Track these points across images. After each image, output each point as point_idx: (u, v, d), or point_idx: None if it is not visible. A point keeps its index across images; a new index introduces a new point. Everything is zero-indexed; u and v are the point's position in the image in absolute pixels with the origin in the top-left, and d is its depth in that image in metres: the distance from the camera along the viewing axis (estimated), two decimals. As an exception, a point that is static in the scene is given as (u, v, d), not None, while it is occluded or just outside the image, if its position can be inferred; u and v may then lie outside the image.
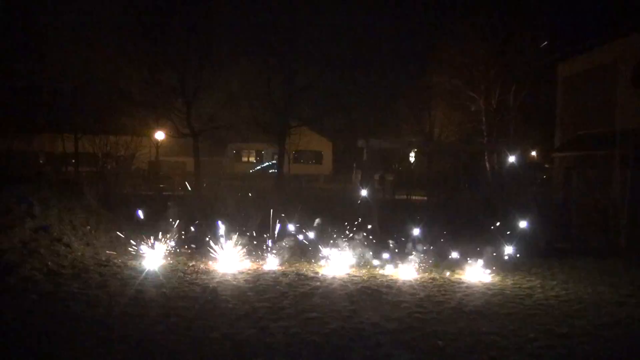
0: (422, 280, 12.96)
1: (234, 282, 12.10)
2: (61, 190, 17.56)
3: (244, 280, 12.32)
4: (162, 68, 28.46)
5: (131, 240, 15.10)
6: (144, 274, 12.70)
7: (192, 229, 15.96)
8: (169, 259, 14.55)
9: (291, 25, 31.11)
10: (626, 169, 16.82)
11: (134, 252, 14.73)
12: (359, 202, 18.30)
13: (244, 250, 14.50)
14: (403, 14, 36.72)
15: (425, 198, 26.88)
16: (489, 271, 13.65)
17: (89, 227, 15.48)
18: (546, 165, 34.44)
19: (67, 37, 24.19)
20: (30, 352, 7.46)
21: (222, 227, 14.74)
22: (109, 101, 26.71)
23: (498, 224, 16.05)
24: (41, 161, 25.64)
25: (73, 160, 24.56)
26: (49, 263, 12.42)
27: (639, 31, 20.19)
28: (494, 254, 14.36)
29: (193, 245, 15.61)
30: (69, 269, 12.47)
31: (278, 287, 11.77)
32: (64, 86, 24.64)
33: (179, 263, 14.26)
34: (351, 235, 14.96)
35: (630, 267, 13.92)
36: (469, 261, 13.80)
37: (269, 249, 14.54)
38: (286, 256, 14.56)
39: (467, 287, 12.31)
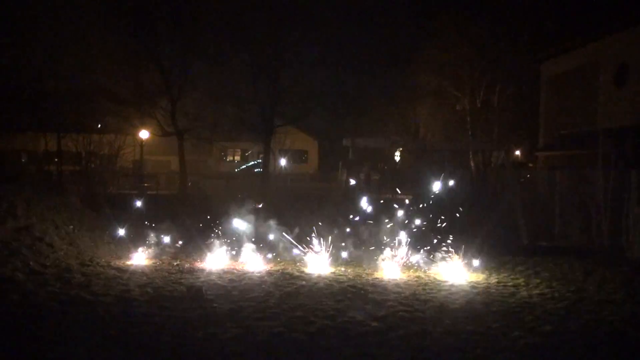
0: (407, 278, 12.99)
1: (219, 282, 12.05)
2: (44, 189, 17.41)
3: (229, 280, 12.28)
4: (147, 66, 28.26)
5: (115, 240, 15.00)
6: (127, 273, 12.62)
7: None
8: (153, 258, 14.48)
9: (276, 24, 31.03)
10: (609, 168, 16.97)
11: (117, 252, 14.63)
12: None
13: (230, 249, 14.49)
14: (388, 14, 36.75)
15: (411, 197, 26.93)
16: (472, 269, 13.73)
17: (72, 226, 15.34)
18: (530, 164, 34.68)
19: (50, 35, 23.92)
20: (12, 352, 7.36)
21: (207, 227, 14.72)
22: (93, 99, 26.45)
23: (481, 222, 16.13)
24: (23, 160, 25.35)
25: (56, 159, 24.25)
26: (31, 263, 12.29)
27: (622, 31, 20.39)
28: (478, 252, 14.42)
29: (178, 245, 15.55)
30: (52, 268, 12.34)
31: (263, 286, 11.74)
32: (47, 84, 24.34)
33: (163, 262, 14.18)
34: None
35: (613, 266, 14.05)
36: (453, 259, 13.85)
37: (255, 248, 14.50)
38: (272, 255, 14.55)
39: (451, 285, 12.34)
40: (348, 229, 15.46)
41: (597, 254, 15.46)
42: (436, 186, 16.30)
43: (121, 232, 15.62)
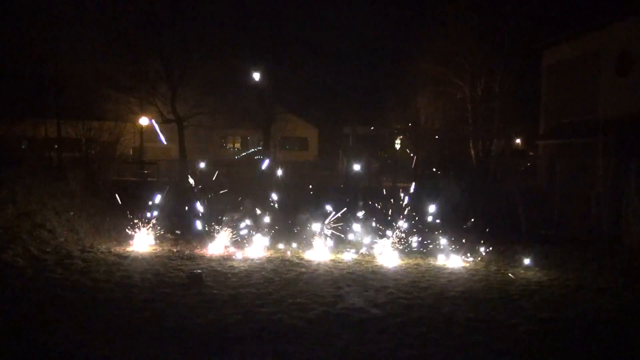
0: (407, 266, 13.03)
1: (219, 268, 12.09)
2: (44, 175, 17.39)
3: (229, 266, 12.32)
4: (147, 53, 28.13)
5: (115, 226, 15.03)
6: (128, 259, 12.65)
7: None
8: (153, 244, 14.51)
9: (277, 11, 30.92)
10: (609, 157, 16.96)
11: (118, 238, 14.66)
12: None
13: (230, 236, 14.53)
14: (390, 2, 36.66)
15: (411, 185, 26.93)
16: (471, 257, 13.78)
17: (72, 212, 15.37)
18: (530, 153, 34.65)
19: (51, 21, 23.81)
20: (13, 338, 7.39)
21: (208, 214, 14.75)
22: (93, 86, 26.36)
23: (481, 210, 16.14)
24: (23, 147, 25.25)
25: (56, 146, 24.20)
26: (32, 249, 12.33)
27: (623, 20, 20.29)
28: (478, 240, 14.47)
29: (178, 232, 15.58)
30: (52, 254, 12.38)
31: (263, 272, 11.79)
32: (47, 70, 24.27)
33: (163, 249, 14.22)
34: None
35: (611, 255, 14.09)
36: (452, 247, 13.90)
37: (256, 234, 14.54)
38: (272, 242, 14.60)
39: (450, 272, 12.40)
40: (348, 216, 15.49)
41: (595, 243, 15.49)
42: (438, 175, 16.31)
43: (121, 218, 15.63)
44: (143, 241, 14.42)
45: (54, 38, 23.55)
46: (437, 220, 15.02)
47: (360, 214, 15.37)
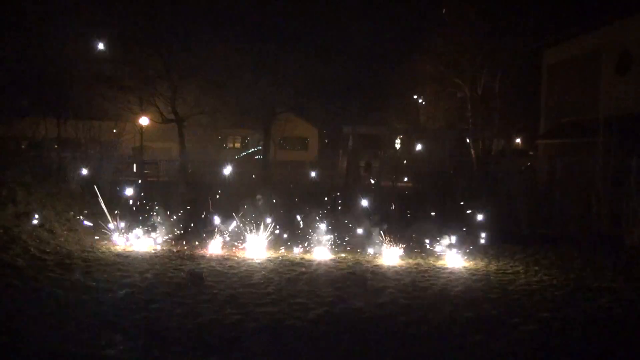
0: (407, 265, 13.03)
1: (219, 268, 12.09)
2: (44, 175, 17.40)
3: (229, 266, 12.31)
4: (147, 52, 28.13)
5: (116, 226, 15.02)
6: (128, 259, 12.65)
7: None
8: (153, 244, 14.50)
9: (276, 10, 30.90)
10: (609, 156, 16.96)
11: (118, 238, 14.66)
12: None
13: (230, 236, 14.53)
14: (390, 2, 36.65)
15: (411, 185, 26.97)
16: (471, 257, 13.78)
17: (72, 212, 15.36)
18: (530, 152, 34.67)
19: (50, 20, 23.82)
20: (14, 339, 7.39)
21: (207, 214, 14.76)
22: (93, 86, 26.39)
23: (481, 209, 16.14)
24: (23, 146, 25.26)
25: (56, 146, 24.22)
26: (32, 249, 12.30)
27: (625, 18, 20.28)
28: (477, 240, 14.46)
29: (178, 231, 15.57)
30: (52, 255, 12.36)
31: (263, 272, 11.78)
32: (47, 70, 24.28)
33: (163, 249, 14.21)
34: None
35: (612, 254, 14.08)
36: (452, 247, 13.89)
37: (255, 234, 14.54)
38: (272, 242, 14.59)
39: (451, 272, 12.39)
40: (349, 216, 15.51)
41: (596, 242, 15.48)
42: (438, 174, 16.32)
43: (121, 218, 15.62)
44: (143, 241, 14.41)
45: (54, 37, 23.56)
46: (437, 220, 15.03)
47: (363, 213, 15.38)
